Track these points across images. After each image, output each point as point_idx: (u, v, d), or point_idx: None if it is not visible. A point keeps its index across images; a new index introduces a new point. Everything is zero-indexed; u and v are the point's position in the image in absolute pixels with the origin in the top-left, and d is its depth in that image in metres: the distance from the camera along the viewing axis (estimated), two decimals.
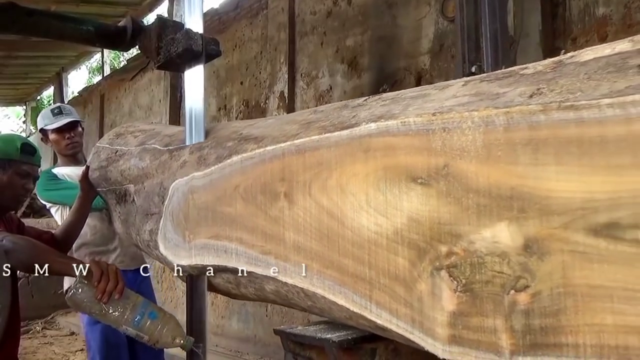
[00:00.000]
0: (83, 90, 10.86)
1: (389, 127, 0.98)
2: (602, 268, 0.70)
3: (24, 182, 2.04)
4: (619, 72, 0.74)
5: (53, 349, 5.76)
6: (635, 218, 0.67)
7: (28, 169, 2.05)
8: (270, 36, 5.33)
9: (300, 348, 1.43)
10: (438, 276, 0.88)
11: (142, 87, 8.10)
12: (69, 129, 2.79)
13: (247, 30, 5.78)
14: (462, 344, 0.85)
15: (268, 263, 1.23)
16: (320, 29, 4.79)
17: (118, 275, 1.49)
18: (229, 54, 5.86)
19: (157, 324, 1.48)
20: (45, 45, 9.02)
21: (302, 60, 5.00)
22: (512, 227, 0.79)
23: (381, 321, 0.98)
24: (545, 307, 0.75)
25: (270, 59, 5.32)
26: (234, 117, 5.83)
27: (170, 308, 5.50)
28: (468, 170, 0.85)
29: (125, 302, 1.49)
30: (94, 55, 11.75)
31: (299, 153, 1.16)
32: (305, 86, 4.93)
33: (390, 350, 1.32)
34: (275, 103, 5.17)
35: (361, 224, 1.01)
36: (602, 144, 0.70)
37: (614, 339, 0.69)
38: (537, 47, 2.89)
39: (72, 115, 2.86)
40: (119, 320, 1.48)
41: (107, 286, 1.46)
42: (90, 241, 2.73)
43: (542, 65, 0.87)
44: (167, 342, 1.48)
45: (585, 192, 0.71)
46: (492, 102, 0.85)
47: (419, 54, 3.93)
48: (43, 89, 13.52)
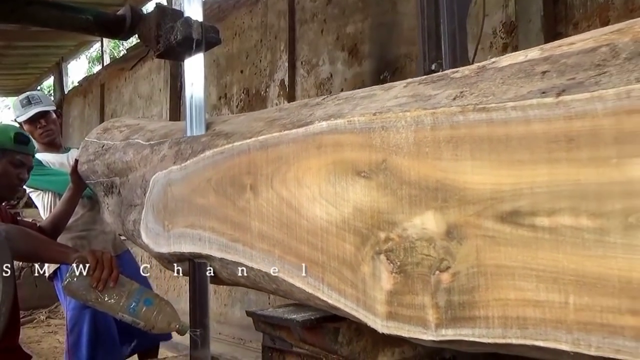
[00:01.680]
0: (83, 80, 10.82)
1: (337, 126, 1.07)
2: (507, 250, 0.80)
3: (19, 171, 2.08)
4: (526, 77, 0.83)
5: (57, 337, 5.81)
6: (531, 206, 0.77)
7: (22, 158, 2.09)
8: (270, 24, 5.28)
9: (271, 328, 1.54)
10: (378, 260, 0.99)
11: (142, 76, 8.03)
12: (39, 118, 2.82)
13: (247, 18, 5.72)
14: (398, 320, 0.96)
15: (236, 250, 1.33)
16: (321, 16, 4.74)
17: (113, 264, 1.54)
18: (228, 42, 5.80)
19: (153, 310, 1.52)
20: (45, 35, 8.96)
21: (302, 48, 4.95)
22: (437, 215, 0.89)
23: (332, 301, 1.09)
24: (463, 285, 0.85)
25: (270, 47, 5.29)
26: (235, 106, 5.81)
27: (173, 297, 5.57)
28: (402, 165, 0.95)
29: (121, 290, 1.53)
30: (93, 45, 11.69)
31: (263, 148, 1.26)
32: (306, 74, 4.89)
33: (352, 329, 1.42)
34: (276, 91, 5.15)
35: (315, 214, 1.11)
36: (507, 142, 0.80)
37: (515, 311, 0.79)
38: (539, 33, 2.88)
39: (42, 104, 2.88)
40: (114, 307, 1.52)
41: (102, 274, 1.50)
42: (72, 226, 2.81)
43: (469, 70, 0.97)
44: (163, 327, 1.53)
45: (493, 184, 0.81)
46: (423, 104, 0.94)
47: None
48: (43, 79, 13.49)
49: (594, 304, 0.70)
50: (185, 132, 1.66)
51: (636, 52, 0.72)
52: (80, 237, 2.76)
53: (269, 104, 5.20)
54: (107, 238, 2.84)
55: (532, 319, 0.77)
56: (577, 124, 0.72)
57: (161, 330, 1.55)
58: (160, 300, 1.56)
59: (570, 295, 0.73)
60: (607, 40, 0.77)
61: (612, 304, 0.69)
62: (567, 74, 0.78)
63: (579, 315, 0.72)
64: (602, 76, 0.72)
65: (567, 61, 0.80)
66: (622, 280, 0.68)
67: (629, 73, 0.69)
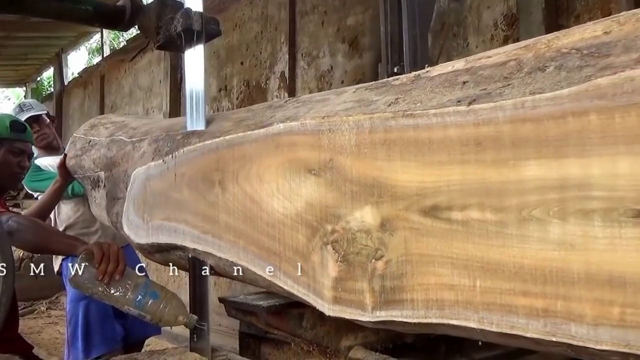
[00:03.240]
0: (83, 72, 10.80)
1: (292, 127, 1.18)
2: (428, 240, 0.90)
3: (19, 159, 2.08)
4: (450, 87, 0.93)
5: (58, 328, 5.85)
6: (448, 202, 0.87)
7: (21, 145, 2.09)
8: (270, 15, 5.25)
9: (242, 314, 1.65)
10: (325, 249, 1.09)
11: (142, 67, 8.00)
12: (32, 123, 2.89)
13: (247, 9, 5.67)
14: (341, 303, 1.06)
15: (207, 241, 1.44)
16: (321, 7, 4.70)
17: (119, 257, 1.51)
18: (229, 33, 5.75)
19: (159, 303, 1.50)
20: (44, 25, 8.90)
21: (303, 40, 4.90)
22: (373, 210, 0.99)
23: (287, 287, 1.19)
24: (394, 272, 0.96)
25: (270, 38, 5.26)
26: (235, 98, 5.77)
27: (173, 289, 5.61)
28: (345, 164, 1.05)
29: (127, 283, 1.51)
30: (93, 36, 11.62)
31: (230, 147, 1.36)
32: (306, 66, 4.86)
33: (316, 315, 1.51)
34: (276, 83, 5.13)
35: (273, 207, 1.22)
36: (429, 145, 0.90)
37: (435, 294, 0.89)
38: (540, 25, 2.88)
39: (33, 110, 3.01)
40: (120, 300, 1.50)
41: (108, 267, 1.48)
42: (73, 224, 2.94)
43: (406, 78, 1.07)
44: (169, 320, 1.51)
45: (418, 182, 0.92)
46: (365, 108, 1.05)
47: None
48: (43, 70, 13.48)
49: (495, 287, 0.81)
50: (185, 123, 1.65)
51: (535, 67, 0.82)
52: (82, 234, 2.86)
53: (269, 96, 5.19)
54: (107, 233, 2.94)
55: (448, 301, 0.87)
56: (483, 130, 0.82)
57: (168, 323, 1.53)
58: (167, 293, 1.54)
59: (477, 280, 0.83)
60: (516, 55, 0.87)
61: (508, 287, 0.79)
62: (481, 84, 0.88)
63: (483, 297, 0.82)
64: (507, 88, 0.82)
65: (483, 73, 0.90)
66: (516, 266, 0.78)
67: (526, 86, 0.80)
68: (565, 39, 0.82)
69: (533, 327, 0.76)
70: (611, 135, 0.69)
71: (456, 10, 3.43)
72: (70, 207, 3.00)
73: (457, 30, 3.47)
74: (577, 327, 0.72)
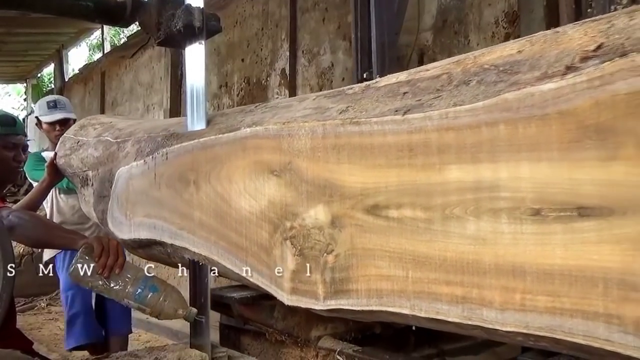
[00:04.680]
0: (83, 68, 10.81)
1: (257, 132, 1.27)
2: (370, 236, 1.00)
3: (13, 154, 2.07)
4: (392, 97, 1.03)
5: (58, 324, 5.87)
6: (386, 201, 0.97)
7: (12, 139, 2.06)
8: (271, 12, 5.26)
9: (217, 306, 1.75)
10: (285, 244, 1.19)
11: (143, 64, 7.99)
12: (60, 124, 3.04)
13: (248, 6, 5.66)
14: (298, 294, 1.16)
15: (183, 237, 1.53)
16: (322, 4, 4.69)
17: (119, 250, 1.52)
18: (229, 30, 5.75)
19: (159, 296, 1.51)
20: (45, 21, 8.89)
21: (304, 36, 4.89)
22: (325, 208, 1.09)
23: (253, 279, 1.29)
24: (342, 264, 1.05)
25: (271, 35, 5.26)
26: (236, 95, 5.78)
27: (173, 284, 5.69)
28: (302, 166, 1.14)
29: (126, 276, 1.51)
30: (94, 32, 11.61)
31: (203, 149, 1.46)
32: (307, 63, 4.85)
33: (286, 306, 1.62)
34: (277, 80, 5.14)
35: (241, 206, 1.31)
36: (371, 150, 1.00)
37: (375, 284, 0.99)
38: (541, 22, 2.85)
39: (66, 110, 3.11)
40: (120, 294, 1.51)
41: (108, 261, 1.49)
42: (69, 219, 3.05)
43: (358, 87, 1.16)
44: (169, 314, 1.53)
45: (362, 183, 1.01)
46: (320, 115, 1.14)
47: (421, 30, 3.76)
48: (43, 66, 13.49)
49: (424, 277, 0.90)
50: (186, 120, 1.66)
51: (462, 81, 0.91)
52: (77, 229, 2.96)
53: (270, 93, 5.22)
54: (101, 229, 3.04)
55: (386, 290, 0.97)
56: (415, 137, 0.92)
57: (168, 316, 1.54)
58: (167, 286, 1.56)
59: (409, 271, 0.93)
60: (448, 69, 0.97)
61: (434, 277, 0.89)
62: (417, 95, 0.98)
63: (414, 286, 0.92)
64: (437, 99, 0.92)
65: (421, 85, 1.00)
66: (441, 258, 0.88)
67: (452, 98, 0.89)
68: (488, 55, 0.92)
69: (454, 313, 0.86)
70: (516, 144, 0.78)
71: (457, 7, 3.44)
72: (67, 202, 3.10)
73: (458, 27, 3.47)
74: (488, 311, 0.81)
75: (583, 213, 0.71)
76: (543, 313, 0.75)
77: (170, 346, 1.69)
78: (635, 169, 0.67)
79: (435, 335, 2.02)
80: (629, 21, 0.73)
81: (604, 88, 0.69)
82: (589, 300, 0.70)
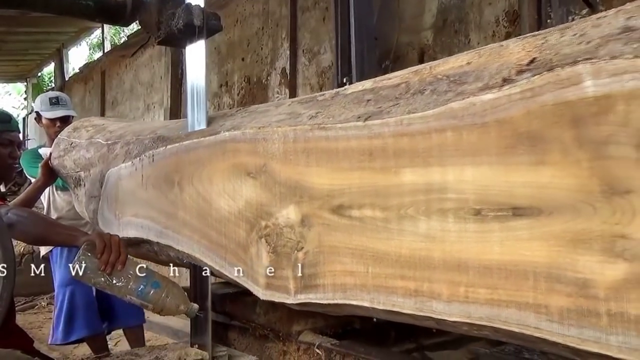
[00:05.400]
0: (84, 67, 10.81)
1: (235, 136, 1.34)
2: (336, 234, 1.07)
3: (9, 151, 2.07)
4: (358, 104, 1.10)
5: None
6: (349, 202, 1.04)
7: (8, 137, 2.05)
8: (271, 11, 5.26)
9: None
10: (260, 242, 1.26)
11: (143, 63, 7.98)
12: (60, 120, 3.11)
13: (248, 5, 5.65)
14: (272, 289, 1.23)
15: (168, 235, 1.60)
16: (322, 3, 4.67)
17: (121, 247, 1.52)
18: (230, 29, 5.74)
19: (161, 292, 1.52)
20: (45, 20, 8.89)
21: (304, 35, 4.87)
22: (296, 208, 1.16)
23: (231, 276, 1.36)
24: (311, 261, 1.12)
25: (271, 34, 5.26)
26: (236, 94, 5.79)
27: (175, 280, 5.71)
28: (276, 169, 1.21)
29: (129, 273, 1.51)
30: (94, 31, 11.60)
31: (187, 151, 1.53)
32: (307, 62, 4.82)
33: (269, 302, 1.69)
34: (277, 80, 5.14)
35: (221, 206, 1.38)
36: (336, 154, 1.06)
37: (340, 279, 1.06)
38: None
39: (67, 107, 3.19)
40: (122, 290, 1.51)
41: (110, 257, 1.49)
42: (65, 215, 3.11)
43: (329, 94, 1.23)
44: (171, 309, 1.54)
45: (329, 185, 1.08)
46: (292, 121, 1.21)
47: (422, 29, 3.76)
48: (44, 65, 13.50)
49: (382, 272, 0.97)
50: (187, 119, 1.67)
51: (418, 90, 0.98)
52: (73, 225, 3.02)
53: (270, 92, 5.23)
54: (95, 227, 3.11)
55: (349, 284, 1.04)
56: (374, 142, 0.99)
57: (169, 312, 1.55)
58: (168, 282, 1.55)
59: (369, 267, 1.00)
60: (407, 78, 1.04)
61: (391, 272, 0.96)
62: (379, 102, 1.04)
63: (374, 281, 0.99)
64: (395, 107, 0.99)
65: (383, 93, 1.07)
66: (396, 255, 0.95)
67: (408, 105, 0.96)
68: (443, 66, 0.99)
69: (407, 305, 0.93)
70: (461, 149, 0.85)
71: (458, 7, 3.44)
72: (64, 199, 3.17)
73: (459, 26, 3.48)
74: (437, 303, 0.88)
75: (517, 213, 0.78)
76: (483, 304, 0.82)
77: (170, 345, 1.72)
78: (560, 172, 0.74)
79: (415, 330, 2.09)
80: (560, 37, 0.80)
81: (535, 99, 0.76)
82: (521, 292, 0.77)
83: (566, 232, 0.73)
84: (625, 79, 0.67)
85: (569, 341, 0.72)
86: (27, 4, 1.89)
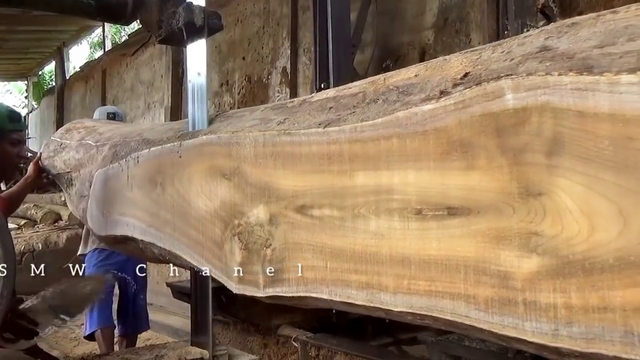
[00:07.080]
0: (84, 66, 10.88)
1: (212, 139, 1.43)
2: (299, 232, 1.15)
3: (17, 149, 2.10)
4: (321, 111, 1.18)
5: None
6: (311, 202, 1.12)
7: (17, 136, 2.08)
8: (272, 10, 5.32)
9: (186, 297, 1.90)
10: (234, 240, 1.34)
11: (144, 62, 8.08)
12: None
13: (249, 4, 5.72)
14: (244, 283, 1.31)
15: (151, 233, 1.69)
16: None
17: None
18: (230, 28, 5.80)
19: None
20: (46, 19, 8.92)
21: (305, 35, 4.89)
22: (265, 208, 1.24)
23: (209, 272, 1.44)
24: (278, 257, 1.21)
25: (272, 33, 5.31)
26: (237, 93, 5.85)
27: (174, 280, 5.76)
28: (247, 171, 1.30)
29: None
30: (95, 30, 11.65)
31: (169, 154, 1.61)
32: (308, 61, 4.83)
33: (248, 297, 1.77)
34: (278, 79, 5.20)
35: (199, 205, 1.47)
36: (300, 157, 1.15)
37: (303, 274, 1.14)
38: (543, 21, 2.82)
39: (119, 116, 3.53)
40: None
41: None
42: None
43: (297, 101, 1.32)
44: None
45: (293, 186, 1.17)
46: (263, 126, 1.29)
47: (423, 29, 3.82)
48: (44, 64, 13.56)
49: (339, 267, 1.06)
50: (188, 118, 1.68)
51: (372, 99, 1.07)
52: None
53: (271, 91, 5.30)
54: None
55: (310, 279, 1.12)
56: (332, 147, 1.07)
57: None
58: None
59: (328, 262, 1.08)
60: (364, 88, 1.12)
61: (347, 267, 1.04)
62: (339, 110, 1.13)
63: (332, 275, 1.07)
64: (351, 115, 1.07)
65: (343, 101, 1.15)
66: (351, 251, 1.03)
67: (362, 114, 1.05)
68: (396, 77, 1.07)
69: (360, 297, 1.01)
70: (405, 155, 0.94)
71: (458, 6, 3.52)
72: None
73: (460, 26, 3.55)
74: (384, 295, 0.97)
75: (451, 212, 0.87)
76: (423, 295, 0.91)
77: (171, 344, 1.80)
78: (486, 176, 0.82)
79: (391, 324, 2.18)
80: (491, 54, 0.88)
81: (465, 110, 0.84)
82: (454, 284, 0.86)
83: (491, 229, 0.81)
84: (539, 93, 0.75)
85: (493, 327, 0.81)
86: (28, 2, 1.93)
